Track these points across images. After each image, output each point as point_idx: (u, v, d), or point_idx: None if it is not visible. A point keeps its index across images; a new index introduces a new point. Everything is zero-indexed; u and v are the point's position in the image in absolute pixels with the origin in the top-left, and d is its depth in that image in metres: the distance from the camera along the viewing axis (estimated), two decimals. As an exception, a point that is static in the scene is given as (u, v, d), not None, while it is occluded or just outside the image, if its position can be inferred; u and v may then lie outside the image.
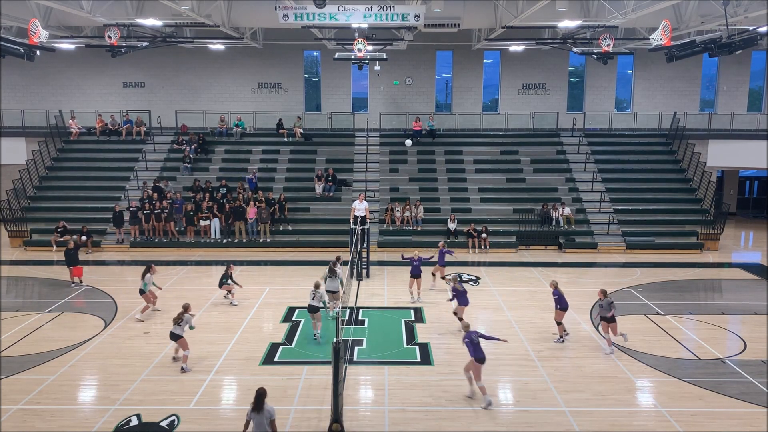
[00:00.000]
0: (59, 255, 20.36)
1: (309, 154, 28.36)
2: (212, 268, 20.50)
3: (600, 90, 31.24)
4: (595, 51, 22.74)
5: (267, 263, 21.71)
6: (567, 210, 24.77)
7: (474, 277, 19.65)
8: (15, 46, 19.28)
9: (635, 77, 31.17)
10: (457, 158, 28.17)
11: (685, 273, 20.61)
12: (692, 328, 15.08)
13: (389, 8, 19.07)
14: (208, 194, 24.83)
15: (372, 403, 11.07)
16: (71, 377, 12.00)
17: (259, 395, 8.40)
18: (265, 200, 24.36)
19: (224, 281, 16.38)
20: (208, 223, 23.89)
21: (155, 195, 24.33)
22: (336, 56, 24.23)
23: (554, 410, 10.73)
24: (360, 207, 20.59)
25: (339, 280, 15.56)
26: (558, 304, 13.90)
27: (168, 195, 24.64)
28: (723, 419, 10.45)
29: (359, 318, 15.48)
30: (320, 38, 26.21)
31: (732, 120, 29.48)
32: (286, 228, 24.57)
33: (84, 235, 22.55)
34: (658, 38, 17.93)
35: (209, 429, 10.06)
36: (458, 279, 14.88)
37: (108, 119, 29.24)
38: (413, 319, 15.49)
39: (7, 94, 30.81)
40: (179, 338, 12.26)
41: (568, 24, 21.43)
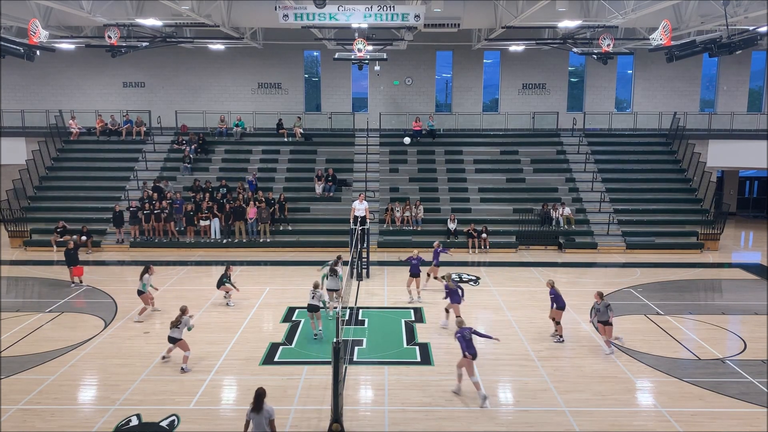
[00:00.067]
0: (59, 255, 20.37)
1: (309, 154, 28.36)
2: (212, 268, 20.49)
3: (600, 90, 31.24)
4: (595, 51, 22.74)
5: (267, 263, 21.71)
6: (567, 210, 24.77)
7: (474, 277, 19.66)
8: (15, 46, 19.28)
9: (635, 77, 31.17)
10: (457, 158, 28.17)
11: (685, 273, 20.61)
12: (692, 328, 15.08)
13: (389, 8, 19.07)
14: (208, 194, 24.83)
15: (372, 403, 11.07)
16: (71, 377, 12.00)
17: (258, 395, 8.40)
18: (265, 200, 24.36)
19: (224, 281, 16.38)
20: (208, 223, 23.90)
21: (155, 195, 24.34)
22: (336, 56, 24.23)
23: (554, 410, 10.73)
24: (360, 207, 20.59)
25: (339, 279, 15.59)
26: (555, 303, 13.93)
27: (168, 195, 24.64)
28: (723, 419, 10.45)
29: (359, 318, 15.48)
30: (320, 38, 26.21)
31: (732, 120, 29.48)
32: (286, 228, 24.57)
33: (84, 235, 22.55)
34: (658, 38, 17.93)
35: (209, 429, 10.06)
36: (451, 277, 14.92)
37: (108, 119, 29.24)
38: (413, 319, 15.50)
39: (7, 94, 30.82)
40: (178, 341, 12.26)
41: (568, 24, 21.44)
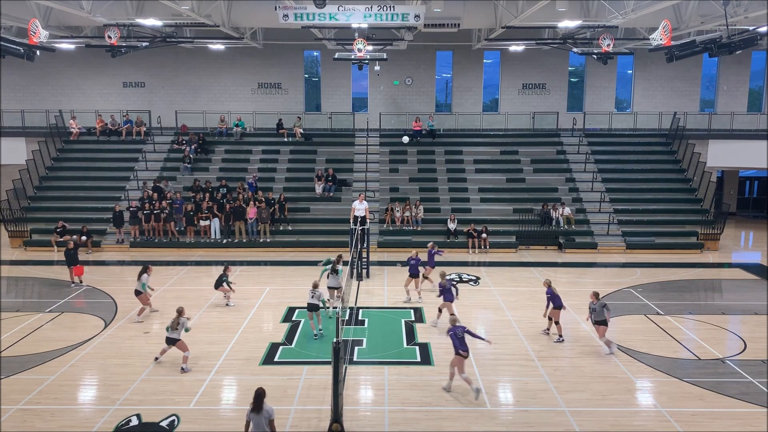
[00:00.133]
0: (59, 255, 20.37)
1: (309, 154, 28.36)
2: (212, 268, 20.47)
3: (600, 90, 31.23)
4: (595, 51, 22.74)
5: (267, 263, 21.71)
6: (567, 210, 24.77)
7: (474, 277, 19.66)
8: (15, 46, 19.28)
9: (635, 77, 31.17)
10: (457, 158, 28.17)
11: (685, 273, 20.60)
12: (692, 328, 15.08)
13: (389, 8, 19.07)
14: (208, 194, 24.83)
15: (372, 403, 11.07)
16: (71, 377, 12.00)
17: (258, 395, 8.39)
18: (265, 200, 24.36)
19: (222, 282, 16.36)
20: (208, 223, 23.89)
21: (155, 195, 24.34)
22: (336, 56, 24.23)
23: (554, 410, 10.73)
24: (360, 207, 20.58)
25: (340, 275, 15.61)
26: (552, 303, 13.95)
27: (168, 195, 24.64)
28: (723, 419, 10.45)
29: (359, 318, 15.49)
30: (320, 38, 26.21)
31: (732, 120, 29.48)
32: (286, 228, 24.57)
33: (84, 235, 22.55)
34: (658, 38, 17.93)
35: (209, 429, 10.06)
36: (445, 276, 14.97)
37: (108, 119, 29.24)
38: (413, 319, 15.50)
39: (7, 94, 30.82)
40: (177, 342, 12.25)
41: (568, 24, 21.43)
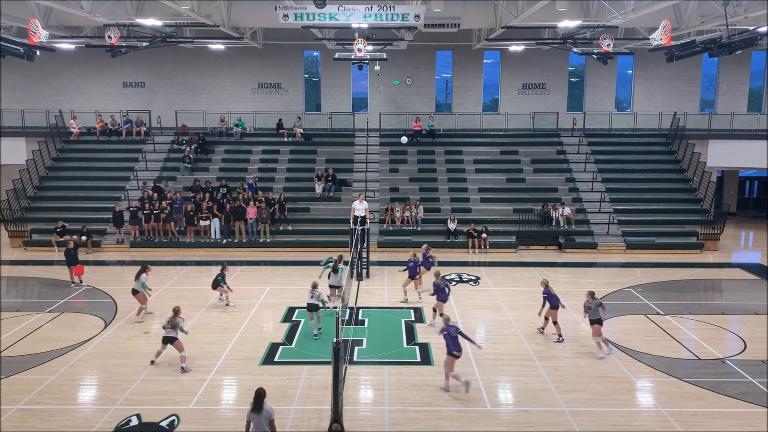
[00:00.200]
0: (59, 255, 20.37)
1: (309, 154, 28.36)
2: (212, 268, 20.42)
3: (600, 90, 31.23)
4: (595, 51, 22.73)
5: (267, 263, 21.71)
6: (567, 210, 24.76)
7: (474, 277, 19.66)
8: (15, 46, 19.27)
9: (635, 77, 31.17)
10: (457, 158, 28.17)
11: (685, 273, 20.60)
12: (692, 328, 15.08)
13: (389, 8, 19.07)
14: (208, 194, 24.83)
15: (372, 403, 11.07)
16: (71, 377, 12.01)
17: (258, 395, 8.39)
18: (265, 200, 24.36)
19: (218, 282, 16.34)
20: (208, 223, 23.89)
21: (155, 195, 24.33)
22: (336, 56, 24.22)
23: (554, 410, 10.74)
24: (360, 207, 20.57)
25: (340, 276, 15.62)
26: (549, 303, 13.96)
27: (168, 195, 24.64)
28: (723, 419, 10.46)
29: (359, 318, 15.49)
30: (320, 38, 26.21)
31: (732, 120, 29.47)
32: (286, 228, 24.57)
33: (84, 235, 22.55)
34: (658, 38, 17.93)
35: (209, 429, 10.06)
36: (440, 275, 14.98)
37: (108, 119, 29.24)
38: (413, 319, 15.49)
39: (7, 94, 30.82)
40: (173, 341, 12.25)
41: (568, 24, 21.43)
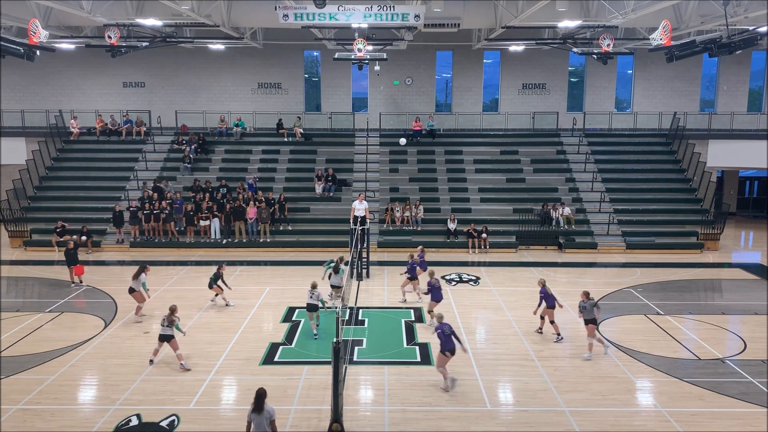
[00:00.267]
0: (59, 255, 20.36)
1: (309, 154, 28.35)
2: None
3: (600, 90, 31.22)
4: (595, 51, 22.73)
5: (267, 263, 21.71)
6: (567, 210, 24.76)
7: (474, 277, 19.66)
8: (15, 46, 19.28)
9: (635, 77, 31.16)
10: (457, 158, 28.17)
11: (685, 273, 20.60)
12: (692, 328, 15.08)
13: (389, 8, 19.06)
14: (208, 194, 24.82)
15: (372, 403, 11.07)
16: (71, 377, 12.01)
17: (259, 396, 8.39)
18: (265, 200, 24.36)
19: (214, 282, 16.32)
20: (208, 223, 23.89)
21: (155, 195, 24.33)
22: (336, 56, 24.22)
23: (554, 410, 10.74)
24: (360, 207, 20.57)
25: (341, 276, 15.62)
26: (545, 302, 13.96)
27: (168, 195, 24.64)
28: (723, 419, 10.46)
29: (359, 318, 15.49)
30: (320, 38, 26.20)
31: (732, 120, 29.47)
32: (286, 228, 24.56)
33: (84, 235, 22.54)
34: (658, 38, 17.92)
35: (209, 429, 10.06)
36: (433, 275, 14.99)
37: (108, 119, 29.24)
38: (413, 319, 15.49)
39: (7, 94, 30.81)
40: (170, 339, 12.25)
41: (568, 24, 21.42)
